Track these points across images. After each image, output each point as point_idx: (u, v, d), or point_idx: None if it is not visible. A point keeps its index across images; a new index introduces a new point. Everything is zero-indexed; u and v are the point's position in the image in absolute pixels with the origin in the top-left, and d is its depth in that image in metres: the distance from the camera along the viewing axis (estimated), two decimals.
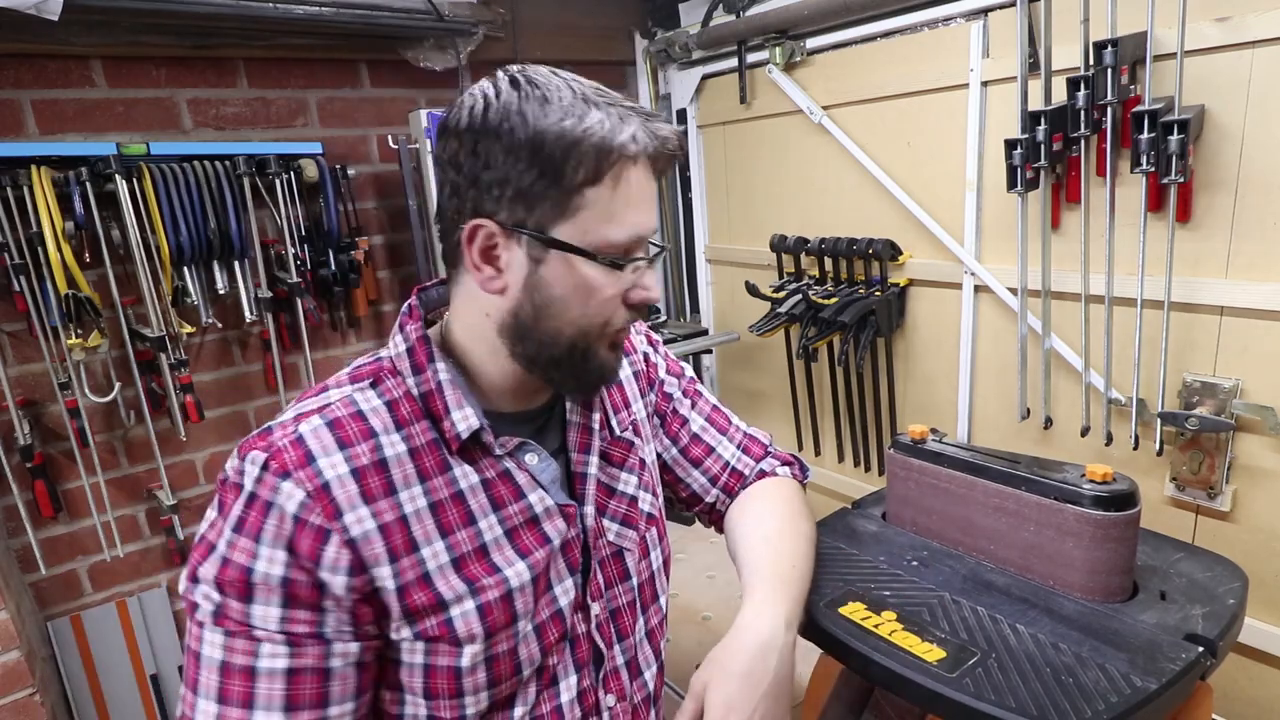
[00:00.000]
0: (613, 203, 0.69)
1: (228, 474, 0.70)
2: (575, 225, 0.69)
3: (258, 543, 0.67)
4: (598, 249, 0.70)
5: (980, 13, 1.57)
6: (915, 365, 1.90)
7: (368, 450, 0.71)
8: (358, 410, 0.73)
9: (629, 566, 0.89)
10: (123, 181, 1.59)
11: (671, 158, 0.73)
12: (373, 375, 0.76)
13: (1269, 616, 1.36)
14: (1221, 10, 1.23)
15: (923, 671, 0.78)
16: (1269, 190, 1.24)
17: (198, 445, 1.91)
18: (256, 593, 0.66)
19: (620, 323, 0.75)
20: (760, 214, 2.19)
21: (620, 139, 0.68)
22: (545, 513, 0.79)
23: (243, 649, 0.67)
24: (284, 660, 0.67)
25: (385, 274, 2.11)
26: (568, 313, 0.72)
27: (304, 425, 0.71)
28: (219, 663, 0.67)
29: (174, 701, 1.93)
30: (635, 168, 0.70)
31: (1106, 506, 0.85)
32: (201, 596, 0.68)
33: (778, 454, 1.06)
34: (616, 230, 0.70)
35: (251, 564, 0.66)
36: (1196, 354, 1.37)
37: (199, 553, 0.69)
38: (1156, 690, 0.72)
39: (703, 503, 1.02)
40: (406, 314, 0.78)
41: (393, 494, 0.71)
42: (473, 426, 0.74)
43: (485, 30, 2.02)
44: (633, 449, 0.92)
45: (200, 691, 0.67)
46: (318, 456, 0.69)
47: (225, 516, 0.68)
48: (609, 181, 0.68)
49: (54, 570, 1.77)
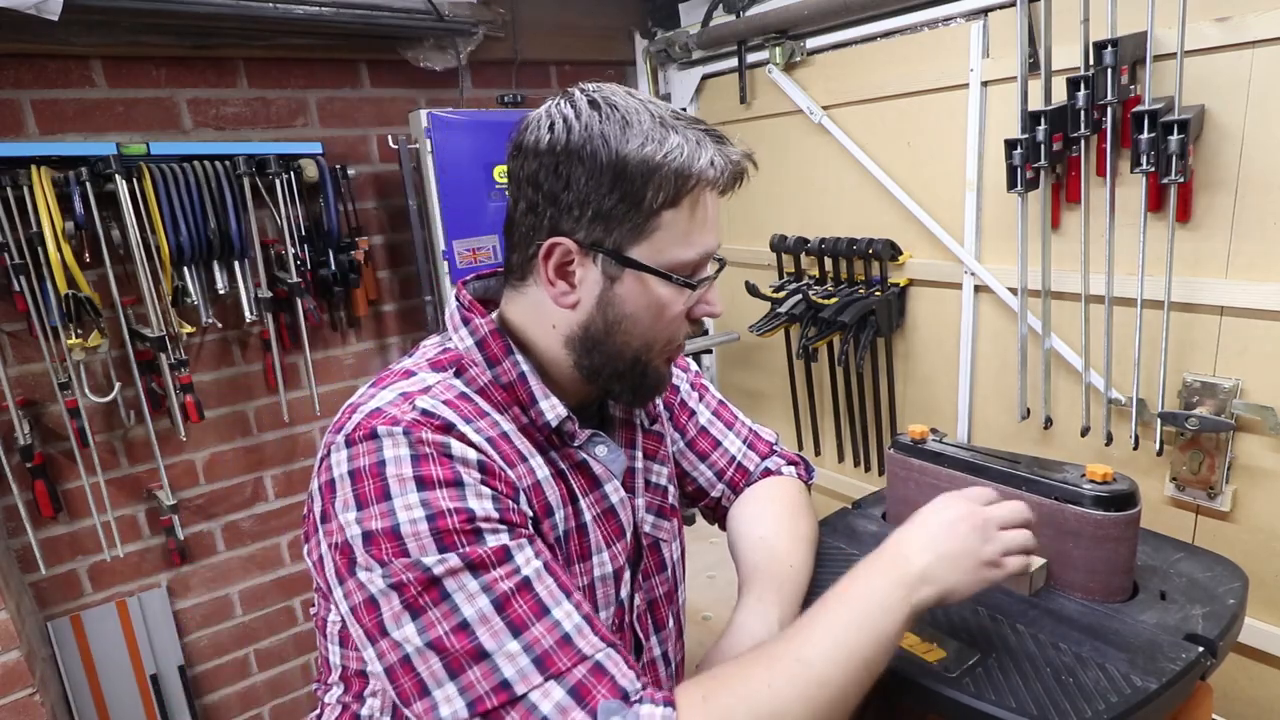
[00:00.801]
0: (688, 225, 0.71)
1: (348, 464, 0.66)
2: (651, 246, 0.71)
3: (459, 487, 0.64)
4: (671, 269, 0.72)
5: (980, 13, 1.57)
6: (915, 365, 1.90)
7: (488, 425, 0.72)
8: (461, 393, 0.74)
9: (664, 557, 0.90)
10: (123, 181, 1.59)
11: (743, 178, 0.75)
12: (454, 364, 0.76)
13: (1269, 616, 1.36)
14: (1221, 10, 1.23)
15: (923, 671, 0.78)
16: (1269, 190, 1.24)
17: (198, 445, 1.91)
18: (482, 525, 0.64)
19: (682, 338, 0.78)
20: (760, 214, 2.19)
21: (699, 165, 0.70)
22: (620, 503, 0.82)
23: (505, 572, 0.63)
24: (536, 560, 0.66)
25: (385, 274, 2.11)
26: (637, 328, 0.74)
27: (420, 401, 0.69)
28: (493, 602, 0.62)
29: (174, 702, 1.93)
30: (710, 193, 0.72)
31: (1106, 506, 0.85)
32: (426, 569, 0.62)
33: (783, 453, 1.06)
34: (688, 251, 0.72)
35: (463, 505, 0.64)
36: (1196, 354, 1.37)
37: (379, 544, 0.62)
38: (1156, 690, 0.72)
39: (708, 497, 1.03)
40: (465, 308, 0.78)
41: (524, 461, 0.73)
42: (561, 415, 0.76)
43: (485, 30, 2.02)
44: (662, 441, 0.94)
45: (492, 648, 0.61)
46: (455, 423, 0.69)
47: (385, 495, 0.63)
48: (686, 205, 0.71)
49: (54, 570, 1.77)
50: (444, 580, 0.62)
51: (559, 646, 0.62)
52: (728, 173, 0.72)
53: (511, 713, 0.60)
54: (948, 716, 0.77)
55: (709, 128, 0.73)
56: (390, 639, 0.62)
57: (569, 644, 0.63)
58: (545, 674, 0.61)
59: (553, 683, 0.61)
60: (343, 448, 0.67)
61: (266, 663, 2.11)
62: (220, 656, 2.03)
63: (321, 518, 0.68)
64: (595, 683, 0.62)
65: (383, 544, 0.63)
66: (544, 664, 0.61)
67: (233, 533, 1.99)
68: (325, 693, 0.83)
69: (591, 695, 0.61)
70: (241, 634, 2.05)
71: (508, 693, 0.60)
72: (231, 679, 2.06)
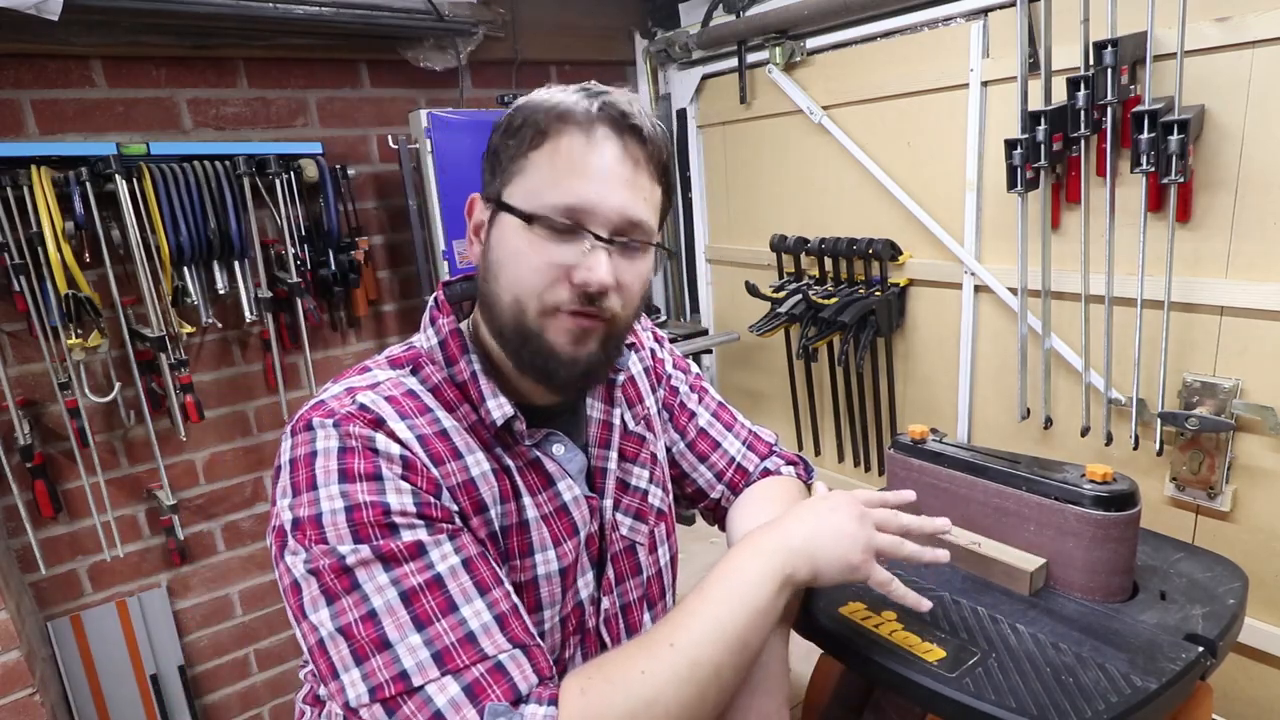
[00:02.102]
0: (552, 170, 0.71)
1: (290, 453, 0.69)
2: (519, 188, 0.72)
3: (379, 480, 0.66)
4: (533, 212, 0.71)
5: (980, 13, 1.57)
6: (915, 365, 1.90)
7: (426, 422, 0.73)
8: (409, 390, 0.75)
9: (640, 561, 0.90)
10: (123, 181, 1.59)
11: (634, 129, 0.72)
12: (412, 362, 0.78)
13: (1269, 616, 1.36)
14: (1221, 10, 1.23)
15: (923, 671, 0.78)
16: (1269, 190, 1.24)
17: (198, 445, 1.91)
18: (398, 520, 0.66)
19: (555, 299, 0.71)
20: (760, 214, 2.19)
21: (561, 107, 0.71)
22: (573, 501, 0.81)
23: (416, 568, 0.65)
24: (454, 556, 0.67)
25: (385, 274, 2.11)
26: (503, 274, 0.73)
27: (361, 397, 0.72)
28: (400, 595, 0.64)
29: (174, 702, 1.93)
30: (576, 134, 0.71)
31: (1106, 506, 0.85)
32: (340, 557, 0.64)
33: (783, 453, 1.06)
34: (553, 194, 0.71)
35: (382, 499, 0.66)
36: (1196, 354, 1.37)
37: (304, 530, 0.65)
38: (1156, 690, 0.72)
39: (708, 498, 1.03)
40: (436, 308, 0.80)
41: (459, 458, 0.74)
42: (507, 414, 0.76)
43: (485, 30, 2.02)
44: (644, 444, 0.93)
45: (394, 640, 0.63)
46: (386, 420, 0.70)
47: (314, 484, 0.66)
48: (549, 146, 0.71)
49: (54, 570, 1.77)
50: (355, 570, 0.64)
51: (460, 644, 0.64)
52: (591, 112, 0.71)
53: (409, 702, 0.62)
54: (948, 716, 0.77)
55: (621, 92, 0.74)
56: (309, 621, 0.65)
57: (471, 642, 0.64)
58: (443, 669, 0.62)
59: (449, 678, 0.62)
60: (288, 437, 0.71)
61: (266, 663, 2.11)
62: (220, 656, 2.03)
63: (271, 501, 0.71)
64: (491, 683, 0.63)
65: (307, 530, 0.65)
66: (443, 659, 0.63)
67: (233, 533, 1.99)
68: (303, 668, 0.87)
69: (485, 694, 0.62)
70: (241, 634, 2.05)
71: (405, 683, 0.62)
72: (231, 679, 2.06)
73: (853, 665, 0.87)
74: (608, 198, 0.71)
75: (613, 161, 0.71)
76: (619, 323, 0.76)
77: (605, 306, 0.72)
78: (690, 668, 0.67)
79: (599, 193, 0.70)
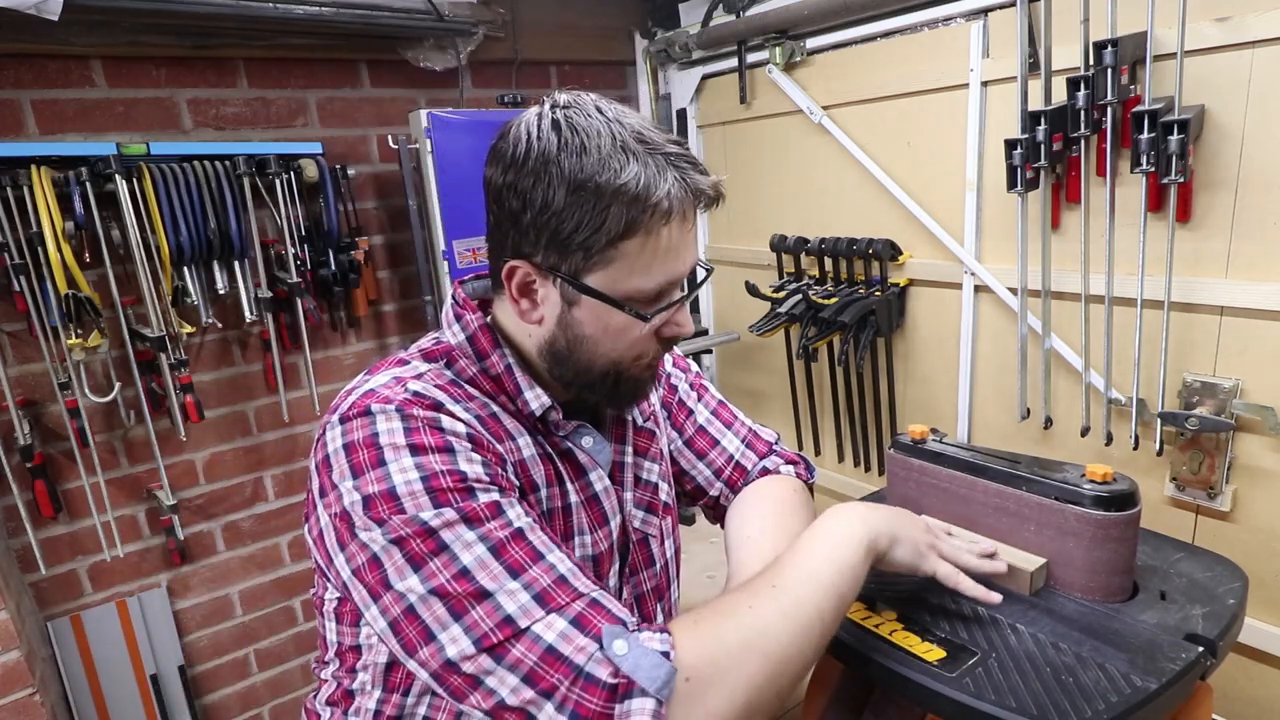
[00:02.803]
0: (644, 256, 0.71)
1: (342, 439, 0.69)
2: (607, 275, 0.72)
3: (450, 453, 0.68)
4: (628, 297, 0.72)
5: (980, 13, 1.57)
6: (915, 365, 1.90)
7: (477, 407, 0.76)
8: (451, 379, 0.77)
9: (653, 553, 0.92)
10: (123, 181, 1.59)
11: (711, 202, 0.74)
12: (445, 355, 0.80)
13: (1269, 616, 1.36)
14: (1221, 10, 1.23)
15: (923, 671, 0.78)
16: (1269, 190, 1.24)
17: (198, 445, 1.91)
18: (475, 484, 0.68)
19: (651, 356, 0.79)
20: (760, 214, 2.19)
21: (655, 196, 0.69)
22: (604, 491, 0.84)
23: (498, 524, 0.67)
24: (526, 517, 0.69)
25: (385, 274, 2.11)
26: (599, 349, 0.76)
27: (413, 385, 0.73)
28: (491, 548, 0.65)
29: (174, 702, 1.93)
30: (669, 224, 0.71)
31: (1106, 506, 0.85)
32: (426, 516, 0.65)
33: (782, 452, 1.06)
34: (646, 281, 0.73)
35: (454, 465, 0.67)
36: (1196, 354, 1.37)
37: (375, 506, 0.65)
38: (1156, 690, 0.72)
39: (707, 496, 1.03)
40: (459, 305, 0.82)
41: (512, 439, 0.76)
42: (545, 404, 0.78)
43: (485, 30, 2.02)
44: (654, 439, 0.95)
45: (493, 589, 0.63)
46: (446, 403, 0.72)
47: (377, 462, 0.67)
48: (641, 236, 0.70)
49: (54, 570, 1.77)
50: (441, 532, 0.65)
51: (557, 585, 0.65)
52: (687, 204, 0.71)
53: (517, 645, 0.62)
54: (948, 716, 0.77)
55: (677, 151, 0.71)
56: (394, 592, 0.65)
57: (565, 583, 0.66)
58: (546, 608, 0.64)
59: (555, 615, 0.64)
60: (337, 425, 0.70)
61: (266, 663, 2.11)
62: (220, 656, 2.03)
63: (319, 492, 0.71)
64: (595, 614, 0.65)
65: (380, 505, 0.66)
66: (544, 600, 0.64)
67: (233, 533, 1.99)
68: (321, 669, 0.87)
69: (593, 624, 0.64)
70: (241, 634, 2.05)
71: (511, 627, 0.63)
72: (231, 679, 2.06)
73: (853, 665, 0.87)
74: (687, 263, 0.76)
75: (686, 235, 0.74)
76: None
77: None
78: (795, 605, 0.70)
79: (683, 263, 0.75)
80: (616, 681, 0.61)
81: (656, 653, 0.63)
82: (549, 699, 0.61)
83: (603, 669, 0.61)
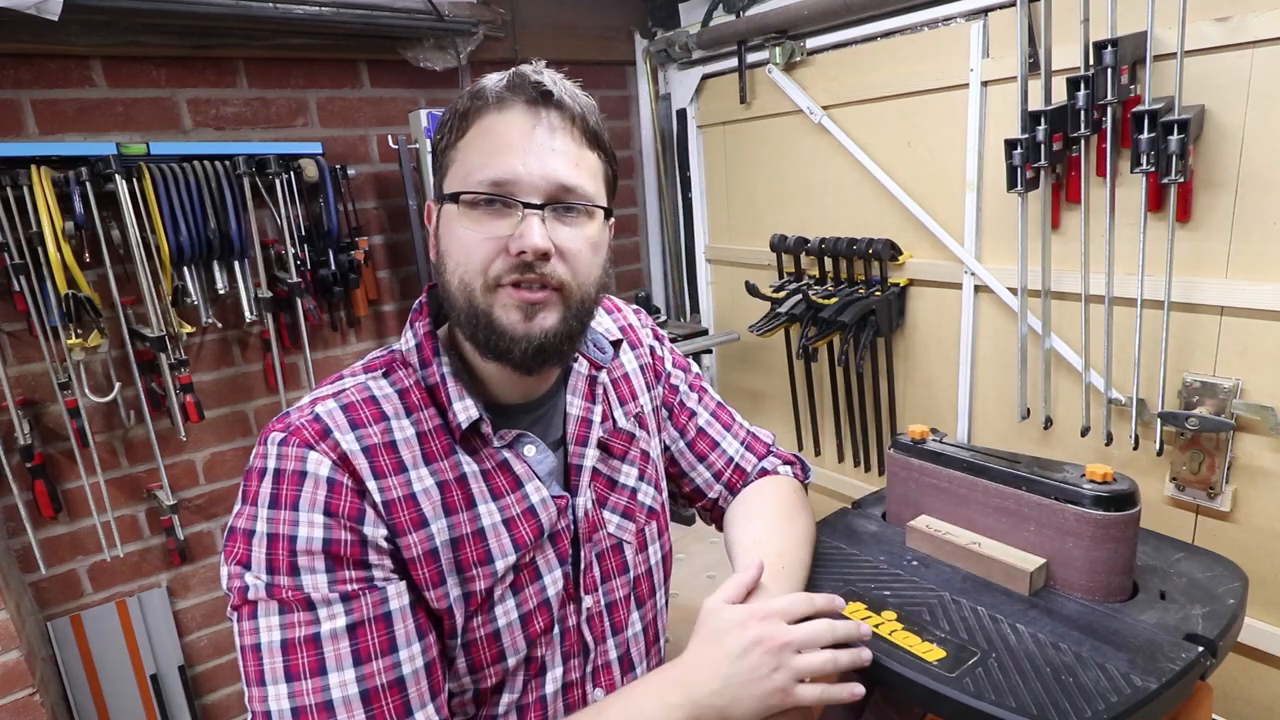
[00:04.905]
0: (479, 149, 0.73)
1: (251, 463, 0.72)
2: (455, 177, 0.74)
3: (296, 510, 0.68)
4: (464, 191, 0.73)
5: (980, 13, 1.57)
6: (915, 365, 1.90)
7: (379, 432, 0.74)
8: (371, 395, 0.76)
9: (627, 559, 0.89)
10: (123, 181, 1.59)
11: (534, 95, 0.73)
12: (385, 365, 0.80)
13: (1269, 616, 1.36)
14: (1221, 10, 1.23)
15: (923, 671, 0.78)
16: (1269, 190, 1.24)
17: (198, 445, 1.91)
18: (302, 560, 0.68)
19: (497, 270, 0.72)
20: (760, 214, 2.19)
21: (483, 86, 0.73)
22: (541, 503, 0.81)
23: (303, 620, 0.67)
24: (343, 618, 0.68)
25: (385, 274, 2.11)
26: (449, 259, 0.75)
27: (319, 407, 0.74)
28: (281, 642, 0.67)
29: (174, 702, 1.93)
30: (492, 112, 0.73)
31: (1106, 506, 0.85)
32: (252, 580, 0.68)
33: (780, 453, 1.06)
34: (481, 173, 0.72)
35: (294, 532, 0.68)
36: (1196, 354, 1.37)
37: (236, 543, 0.69)
38: (1156, 690, 0.72)
39: (706, 498, 1.03)
40: (417, 311, 0.82)
41: (403, 472, 0.74)
42: (473, 417, 0.76)
43: (485, 30, 2.02)
44: (634, 441, 0.92)
45: (267, 680, 0.67)
46: (334, 431, 0.72)
47: (255, 501, 0.69)
48: (474, 131, 0.73)
49: (54, 570, 1.77)
50: (258, 603, 0.68)
51: (317, 710, 0.66)
52: (508, 87, 0.73)
53: None
54: (948, 716, 0.76)
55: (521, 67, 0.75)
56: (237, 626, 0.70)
57: (329, 711, 0.67)
58: None
59: None
60: (259, 444, 0.73)
61: None
62: (220, 656, 2.03)
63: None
64: None
65: (237, 544, 0.69)
66: (298, 715, 0.66)
67: None
68: None
69: None
70: None
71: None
72: (231, 679, 2.06)
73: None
74: (530, 165, 0.71)
75: (530, 130, 0.73)
76: (571, 292, 0.75)
77: (548, 274, 0.72)
78: None
79: (522, 161, 0.71)
80: None
81: None
82: None
83: None
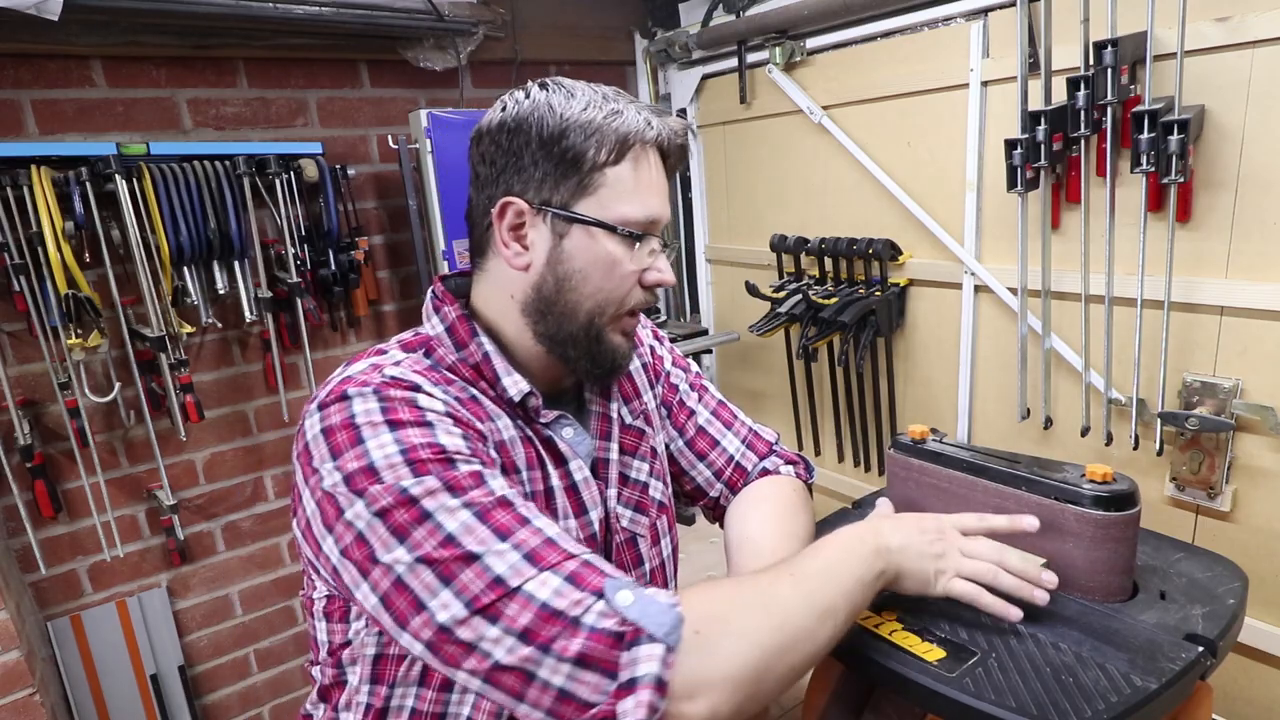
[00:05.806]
0: (631, 182, 0.75)
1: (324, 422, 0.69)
2: (596, 201, 0.74)
3: (429, 426, 0.68)
4: (618, 223, 0.75)
5: (980, 13, 1.57)
6: (915, 365, 1.90)
7: (455, 390, 0.76)
8: (430, 365, 0.78)
9: (641, 553, 0.91)
10: (123, 181, 1.59)
11: (682, 151, 0.79)
12: (424, 345, 0.81)
13: (1269, 616, 1.36)
14: (1221, 10, 1.23)
15: (923, 671, 0.78)
16: (1269, 190, 1.24)
17: (198, 445, 1.91)
18: (454, 456, 0.67)
19: (634, 302, 0.79)
20: (760, 214, 2.19)
21: (639, 124, 0.75)
22: (584, 481, 0.83)
23: (482, 491, 0.66)
24: (509, 488, 0.69)
25: (385, 274, 2.11)
26: (586, 285, 0.76)
27: (389, 370, 0.73)
28: (475, 513, 0.64)
29: (173, 702, 1.93)
30: (652, 153, 0.76)
31: (1106, 506, 0.85)
32: (403, 490, 0.64)
33: (782, 452, 1.06)
34: (634, 208, 0.75)
35: (434, 439, 0.67)
36: (1196, 354, 1.37)
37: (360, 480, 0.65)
38: (1156, 690, 0.72)
39: (707, 497, 1.03)
40: (438, 298, 0.83)
41: (493, 420, 0.76)
42: (523, 390, 0.79)
43: (485, 30, 2.02)
44: (644, 437, 0.94)
45: (481, 552, 0.62)
46: (423, 385, 0.72)
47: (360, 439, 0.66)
48: (629, 162, 0.75)
49: (54, 570, 1.77)
50: (423, 500, 0.64)
51: (546, 546, 0.64)
52: (664, 135, 0.77)
53: (510, 604, 0.61)
54: (948, 716, 0.77)
55: (653, 106, 0.80)
56: (381, 565, 0.64)
57: (555, 545, 0.65)
58: (538, 567, 0.63)
59: (548, 573, 0.63)
60: (315, 413, 0.70)
61: (266, 663, 2.11)
62: (220, 656, 2.03)
63: (303, 481, 0.70)
64: (590, 572, 0.64)
65: (361, 479, 0.65)
66: (535, 559, 0.63)
67: (233, 533, 2.00)
68: (314, 668, 0.87)
69: (589, 580, 0.63)
70: (241, 634, 2.05)
71: (503, 587, 0.61)
72: (231, 679, 2.06)
73: (853, 665, 0.87)
74: (667, 208, 0.79)
75: (664, 174, 0.79)
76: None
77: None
78: (810, 593, 0.70)
79: (661, 204, 0.78)
80: (623, 629, 0.60)
81: (664, 603, 0.62)
82: (547, 653, 0.60)
83: (606, 619, 0.60)
